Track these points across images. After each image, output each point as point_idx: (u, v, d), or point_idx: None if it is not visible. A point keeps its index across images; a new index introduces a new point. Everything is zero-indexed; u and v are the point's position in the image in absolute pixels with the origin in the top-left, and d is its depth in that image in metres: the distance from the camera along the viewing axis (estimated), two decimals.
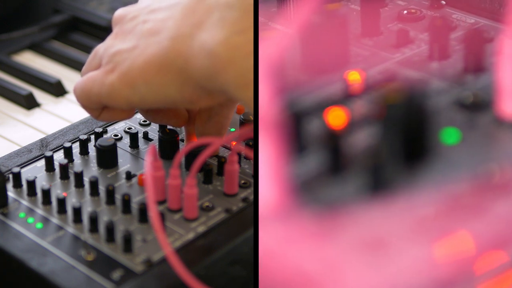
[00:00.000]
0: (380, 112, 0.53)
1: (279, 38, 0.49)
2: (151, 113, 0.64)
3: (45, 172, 0.65)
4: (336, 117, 0.55)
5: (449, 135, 0.57)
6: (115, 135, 0.69)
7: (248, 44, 0.52)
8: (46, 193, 0.61)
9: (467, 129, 0.58)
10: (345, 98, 0.62)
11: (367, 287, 0.45)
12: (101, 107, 0.61)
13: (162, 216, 0.59)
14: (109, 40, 0.61)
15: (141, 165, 0.66)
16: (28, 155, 0.67)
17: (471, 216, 0.50)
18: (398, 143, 0.53)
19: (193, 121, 0.65)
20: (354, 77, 0.62)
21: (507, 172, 0.53)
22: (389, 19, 0.74)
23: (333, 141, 0.54)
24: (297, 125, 0.56)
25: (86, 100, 0.61)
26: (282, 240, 0.50)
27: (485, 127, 0.58)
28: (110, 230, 0.58)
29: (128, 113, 0.62)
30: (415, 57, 0.68)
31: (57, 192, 0.62)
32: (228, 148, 0.67)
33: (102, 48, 0.61)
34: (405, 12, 0.74)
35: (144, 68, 0.57)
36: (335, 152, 0.55)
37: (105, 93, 0.59)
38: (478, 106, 0.60)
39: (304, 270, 0.47)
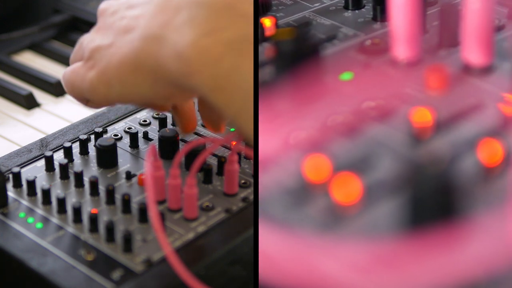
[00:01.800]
0: (273, 49, 0.59)
1: None
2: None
3: (45, 172, 0.65)
4: None
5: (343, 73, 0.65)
6: (115, 135, 0.69)
7: (217, 47, 0.51)
8: (46, 193, 0.61)
9: (362, 68, 0.65)
10: (260, 41, 0.69)
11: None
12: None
13: (162, 216, 0.59)
14: (92, 32, 0.62)
15: (141, 165, 0.66)
16: (28, 155, 0.66)
17: (342, 138, 0.57)
18: (287, 75, 0.59)
19: (182, 112, 0.66)
20: (267, 23, 0.69)
21: (387, 103, 0.60)
22: None
23: None
24: None
25: (71, 91, 0.62)
26: None
27: (377, 68, 0.65)
28: (110, 230, 0.58)
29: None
30: (331, 7, 0.75)
31: (57, 192, 0.62)
32: (228, 148, 0.67)
33: (86, 40, 0.62)
34: None
35: (119, 67, 0.57)
36: None
37: (86, 88, 0.60)
38: (376, 50, 0.67)
39: None
